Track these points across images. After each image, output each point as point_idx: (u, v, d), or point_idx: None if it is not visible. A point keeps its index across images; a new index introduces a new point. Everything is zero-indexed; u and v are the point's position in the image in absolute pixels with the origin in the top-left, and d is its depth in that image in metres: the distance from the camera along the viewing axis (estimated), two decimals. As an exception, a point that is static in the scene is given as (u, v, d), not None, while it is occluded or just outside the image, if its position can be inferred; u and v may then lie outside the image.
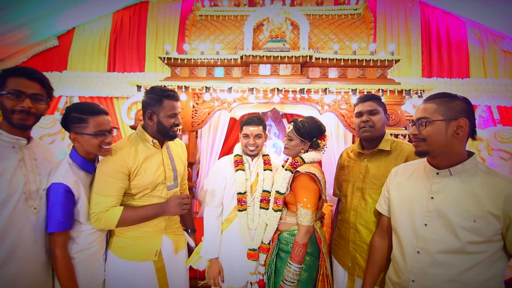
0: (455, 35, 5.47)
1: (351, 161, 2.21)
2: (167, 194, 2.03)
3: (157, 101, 1.93)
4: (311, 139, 2.09)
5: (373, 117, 1.98)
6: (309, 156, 2.08)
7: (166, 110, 1.94)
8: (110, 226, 1.80)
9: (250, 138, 2.22)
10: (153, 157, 1.98)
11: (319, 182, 1.98)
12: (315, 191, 1.98)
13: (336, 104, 3.52)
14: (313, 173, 1.96)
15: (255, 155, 2.30)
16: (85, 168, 1.87)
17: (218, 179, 2.22)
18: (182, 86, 3.34)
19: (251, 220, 2.17)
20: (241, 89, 3.33)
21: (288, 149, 2.14)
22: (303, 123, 2.08)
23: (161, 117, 1.93)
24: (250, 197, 2.19)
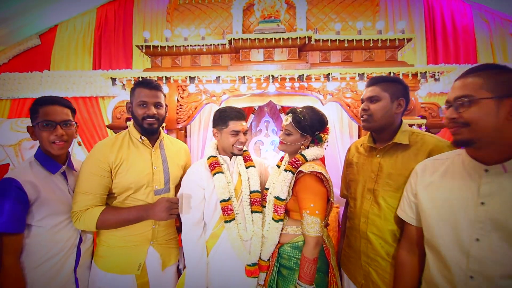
0: (460, 20, 4.89)
1: (360, 157, 1.80)
2: (153, 198, 1.73)
3: (132, 91, 1.76)
4: (313, 133, 1.74)
5: (372, 105, 1.60)
6: (312, 153, 1.71)
7: (135, 99, 1.72)
8: (90, 226, 1.60)
9: (240, 135, 1.80)
10: (141, 156, 1.74)
11: (327, 183, 1.61)
12: (323, 194, 1.59)
13: (341, 92, 2.91)
14: (320, 172, 1.59)
15: (241, 154, 1.90)
16: (47, 167, 1.61)
17: (194, 189, 1.75)
18: (162, 77, 2.73)
19: (244, 229, 1.75)
20: (230, 78, 2.73)
21: (286, 145, 1.76)
22: (303, 114, 1.72)
23: (133, 107, 1.73)
24: (237, 202, 1.77)
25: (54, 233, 1.57)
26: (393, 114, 1.57)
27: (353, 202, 1.77)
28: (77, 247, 1.68)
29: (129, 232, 1.69)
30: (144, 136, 1.75)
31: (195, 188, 1.74)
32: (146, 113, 1.69)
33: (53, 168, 1.63)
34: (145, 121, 1.70)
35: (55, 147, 1.58)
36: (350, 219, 1.81)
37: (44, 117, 1.56)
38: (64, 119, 1.61)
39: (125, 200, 1.69)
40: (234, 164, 1.88)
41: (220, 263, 1.73)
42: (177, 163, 1.91)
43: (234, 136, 1.77)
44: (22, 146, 4.23)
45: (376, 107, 1.57)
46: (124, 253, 1.70)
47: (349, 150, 1.96)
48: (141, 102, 1.69)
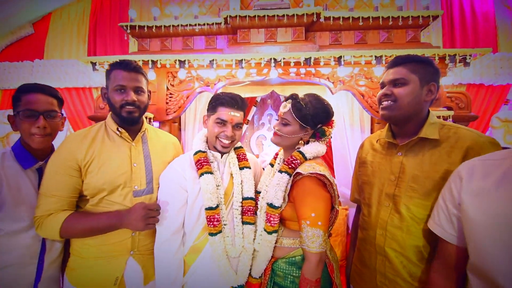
0: (480, 5, 4.29)
1: (376, 155, 1.50)
2: (132, 202, 1.46)
3: (107, 74, 1.48)
4: (315, 125, 1.43)
5: (397, 89, 1.31)
6: (312, 150, 1.41)
7: (111, 83, 1.45)
8: (52, 234, 1.37)
9: (227, 126, 1.46)
10: (117, 151, 1.48)
11: (331, 187, 1.33)
12: (326, 200, 1.31)
13: (353, 79, 2.40)
14: (322, 174, 1.31)
15: (228, 152, 1.56)
16: (20, 160, 1.43)
17: (174, 191, 1.44)
18: (148, 61, 2.24)
19: (231, 244, 1.44)
20: (226, 63, 2.26)
21: (281, 137, 1.45)
22: (306, 102, 1.41)
23: (109, 92, 1.47)
24: (225, 210, 1.46)
25: (8, 239, 1.36)
26: (422, 102, 1.29)
27: (367, 209, 1.47)
28: (39, 257, 1.44)
29: (105, 240, 1.44)
30: (123, 127, 1.49)
31: (176, 189, 1.43)
32: (124, 100, 1.42)
33: (26, 162, 1.43)
34: (124, 109, 1.43)
35: (35, 139, 1.41)
36: (363, 229, 1.50)
37: (26, 106, 1.39)
38: (48, 109, 1.43)
39: (99, 203, 1.44)
40: (226, 163, 1.55)
41: (200, 283, 1.42)
42: (163, 159, 1.60)
43: (219, 126, 1.44)
44: (10, 139, 3.83)
45: (402, 92, 1.28)
46: (99, 265, 1.44)
47: (362, 146, 1.63)
48: (118, 86, 1.42)
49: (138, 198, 1.47)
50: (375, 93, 2.45)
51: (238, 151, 1.61)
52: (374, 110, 2.44)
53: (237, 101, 1.45)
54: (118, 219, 1.37)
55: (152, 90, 2.58)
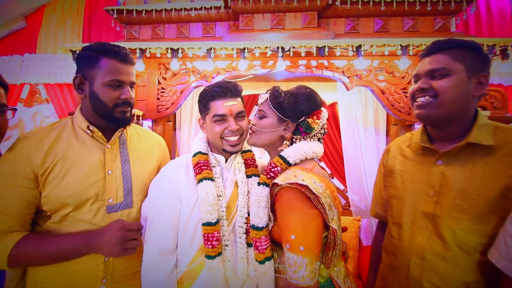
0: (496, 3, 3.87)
1: (407, 162, 1.21)
2: (104, 219, 1.15)
3: (90, 60, 1.14)
4: (297, 117, 1.14)
5: (437, 82, 1.04)
6: (296, 152, 1.11)
7: (103, 74, 1.13)
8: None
9: (228, 120, 1.17)
10: (87, 155, 1.17)
11: (317, 201, 1.00)
12: (311, 218, 1.00)
13: (372, 73, 1.98)
14: (304, 184, 1.00)
15: (239, 150, 1.25)
16: None
17: (165, 201, 1.17)
18: (136, 49, 1.84)
19: (232, 270, 1.14)
20: (226, 52, 1.87)
21: (256, 134, 1.19)
22: (286, 91, 1.16)
23: (96, 85, 1.13)
24: (227, 227, 1.17)
25: None
26: (469, 98, 1.06)
27: (396, 230, 1.21)
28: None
29: (69, 267, 1.16)
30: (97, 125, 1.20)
31: (168, 198, 1.18)
32: (121, 98, 1.17)
33: None
34: (118, 109, 1.18)
35: None
36: (390, 253, 1.23)
37: None
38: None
39: (62, 221, 1.16)
40: (231, 169, 1.27)
41: None
42: (146, 164, 1.34)
43: (218, 124, 1.18)
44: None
45: (444, 85, 1.04)
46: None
47: (388, 151, 1.34)
48: (114, 81, 1.15)
49: (113, 214, 1.19)
50: (397, 90, 2.04)
51: (246, 155, 1.30)
52: (396, 110, 2.03)
53: (229, 88, 1.17)
54: (86, 242, 1.10)
55: (141, 83, 2.17)
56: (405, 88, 2.05)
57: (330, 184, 1.11)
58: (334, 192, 1.09)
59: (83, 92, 1.18)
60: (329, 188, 1.06)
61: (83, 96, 1.19)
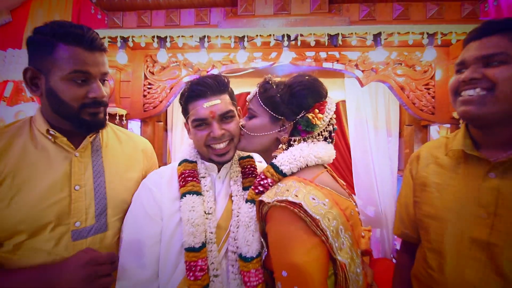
0: None
1: (445, 173, 0.97)
2: (70, 248, 0.94)
3: (44, 47, 0.88)
4: (295, 113, 0.90)
5: (493, 70, 0.83)
6: (293, 157, 0.86)
7: (61, 66, 0.88)
8: None
9: (211, 125, 0.97)
10: (47, 167, 0.94)
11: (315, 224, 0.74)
12: (308, 249, 0.75)
13: (390, 67, 1.70)
14: (296, 202, 0.75)
15: (229, 159, 1.02)
16: None
17: (141, 221, 0.96)
18: (116, 38, 1.54)
19: None
20: (222, 41, 1.55)
21: (246, 138, 0.96)
22: (279, 82, 0.94)
23: (54, 80, 0.89)
24: (217, 253, 0.95)
25: None
26: None
27: (436, 259, 0.96)
28: None
29: None
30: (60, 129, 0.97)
31: (144, 218, 0.98)
32: (89, 96, 0.92)
33: None
34: (87, 110, 0.93)
35: None
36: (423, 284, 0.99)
37: None
38: None
39: (16, 250, 0.92)
40: (225, 180, 1.07)
41: None
42: (127, 176, 1.10)
43: (200, 130, 0.98)
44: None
45: (504, 74, 0.81)
46: None
47: (418, 159, 1.10)
48: (76, 73, 0.89)
49: (80, 242, 0.96)
50: (418, 86, 1.76)
51: (245, 162, 1.10)
52: (417, 108, 1.75)
53: (208, 84, 0.97)
54: (42, 283, 0.88)
55: (125, 78, 1.87)
56: (428, 84, 1.78)
57: (342, 200, 0.83)
58: (347, 210, 0.81)
59: (38, 89, 0.94)
60: (339, 205, 0.78)
61: (38, 94, 0.96)
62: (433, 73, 1.76)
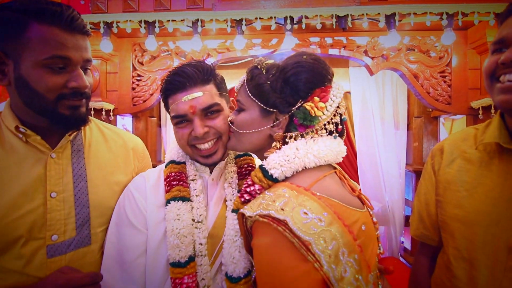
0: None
1: (476, 171, 0.85)
2: (44, 267, 0.82)
3: (13, 26, 0.75)
4: (289, 104, 0.69)
5: None
6: (285, 157, 0.67)
7: (35, 49, 0.74)
8: None
9: (193, 122, 0.83)
10: (17, 170, 0.82)
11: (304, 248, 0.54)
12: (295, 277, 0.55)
13: (402, 53, 1.53)
14: (279, 218, 0.55)
15: (217, 161, 0.88)
16: None
17: (126, 229, 0.85)
18: (99, 23, 1.36)
19: None
20: (217, 26, 1.39)
21: (235, 136, 0.80)
22: (271, 65, 0.74)
23: (25, 67, 0.76)
24: (209, 268, 0.83)
25: None
26: None
27: (464, 269, 0.83)
28: None
29: None
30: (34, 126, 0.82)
31: (127, 227, 0.85)
32: (69, 86, 0.77)
33: None
34: (65, 103, 0.79)
35: None
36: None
37: None
38: None
39: None
40: (219, 182, 0.92)
41: None
42: (114, 179, 0.95)
43: (180, 128, 0.83)
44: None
45: None
46: None
47: (441, 153, 0.95)
48: (53, 59, 0.74)
49: (58, 258, 0.84)
50: (433, 73, 1.59)
51: (241, 160, 0.96)
52: (432, 98, 1.59)
53: (187, 73, 0.82)
54: None
55: (112, 70, 1.69)
56: (443, 72, 1.61)
57: (349, 213, 0.64)
58: (355, 225, 0.62)
59: (5, 77, 0.79)
60: (343, 220, 0.61)
61: (5, 83, 0.80)
62: (449, 59, 1.58)
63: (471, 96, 1.58)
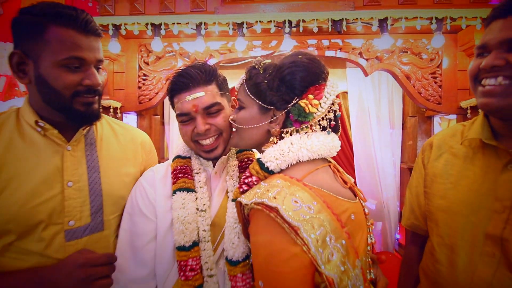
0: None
1: (461, 164, 0.91)
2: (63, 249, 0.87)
3: (33, 29, 0.81)
4: (285, 101, 0.75)
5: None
6: (280, 151, 0.73)
7: (54, 50, 0.80)
8: None
9: (196, 119, 0.90)
10: (36, 161, 0.87)
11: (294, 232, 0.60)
12: (285, 259, 0.61)
13: (395, 54, 1.61)
14: (271, 205, 0.61)
15: (218, 156, 0.95)
16: None
17: (136, 220, 0.93)
18: (108, 25, 1.44)
19: None
20: (220, 28, 1.47)
21: (238, 133, 0.85)
22: (266, 66, 0.79)
23: (44, 66, 0.81)
24: (212, 252, 0.89)
25: None
26: None
27: (446, 254, 0.91)
28: None
29: None
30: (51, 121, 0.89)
31: (138, 216, 0.93)
32: (83, 84, 0.84)
33: None
34: (79, 99, 0.85)
35: None
36: (435, 283, 0.93)
37: None
38: None
39: (5, 252, 0.85)
40: (221, 175, 0.99)
41: None
42: (124, 171, 1.03)
43: (184, 125, 0.92)
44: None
45: None
46: None
47: (430, 148, 1.03)
48: (70, 59, 0.81)
49: (75, 242, 0.90)
50: (425, 74, 1.67)
51: (242, 155, 1.02)
52: (423, 98, 1.67)
53: (190, 75, 0.89)
54: (35, 285, 0.83)
55: (119, 69, 1.77)
56: (434, 73, 1.69)
57: (339, 203, 0.70)
58: (343, 215, 0.68)
59: (26, 75, 0.85)
60: (332, 209, 0.66)
61: (26, 81, 0.87)
62: (440, 61, 1.66)
63: (461, 96, 1.66)
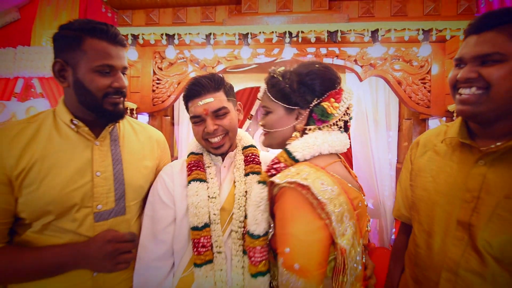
0: None
1: (440, 160, 1.00)
2: (92, 229, 1.00)
3: (72, 42, 0.94)
4: (308, 101, 0.88)
5: (488, 70, 0.82)
6: (307, 144, 0.86)
7: (90, 58, 0.94)
8: None
9: (206, 121, 1.04)
10: (71, 154, 1.00)
11: (320, 208, 0.75)
12: (312, 230, 0.76)
13: (388, 62, 1.75)
14: (304, 184, 0.76)
15: (226, 152, 1.11)
16: None
17: (157, 207, 1.06)
18: (127, 35, 1.61)
19: (224, 281, 1.01)
20: (227, 38, 1.63)
21: (269, 134, 0.95)
22: (285, 72, 0.92)
23: (82, 72, 0.95)
24: (221, 232, 1.03)
25: None
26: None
27: (424, 239, 1.02)
28: None
29: (54, 284, 1.00)
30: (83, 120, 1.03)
31: (159, 204, 1.09)
32: (112, 86, 0.99)
33: None
34: (108, 100, 1.00)
35: None
36: (416, 265, 1.05)
37: None
38: None
39: (43, 230, 1.00)
40: (229, 167, 1.15)
41: None
42: (142, 163, 1.18)
43: (197, 126, 1.08)
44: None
45: (498, 74, 0.81)
46: None
47: (417, 146, 1.14)
48: (103, 66, 0.97)
49: (102, 223, 1.04)
50: (415, 80, 1.81)
51: (247, 151, 1.16)
52: (414, 102, 1.81)
53: (202, 84, 1.04)
54: (71, 257, 0.96)
55: (135, 74, 1.95)
56: (424, 79, 1.83)
57: (352, 190, 0.85)
58: (355, 200, 0.83)
59: (66, 80, 0.99)
60: (347, 194, 0.81)
61: (65, 85, 1.01)
62: (429, 68, 1.80)
63: (448, 101, 1.79)
